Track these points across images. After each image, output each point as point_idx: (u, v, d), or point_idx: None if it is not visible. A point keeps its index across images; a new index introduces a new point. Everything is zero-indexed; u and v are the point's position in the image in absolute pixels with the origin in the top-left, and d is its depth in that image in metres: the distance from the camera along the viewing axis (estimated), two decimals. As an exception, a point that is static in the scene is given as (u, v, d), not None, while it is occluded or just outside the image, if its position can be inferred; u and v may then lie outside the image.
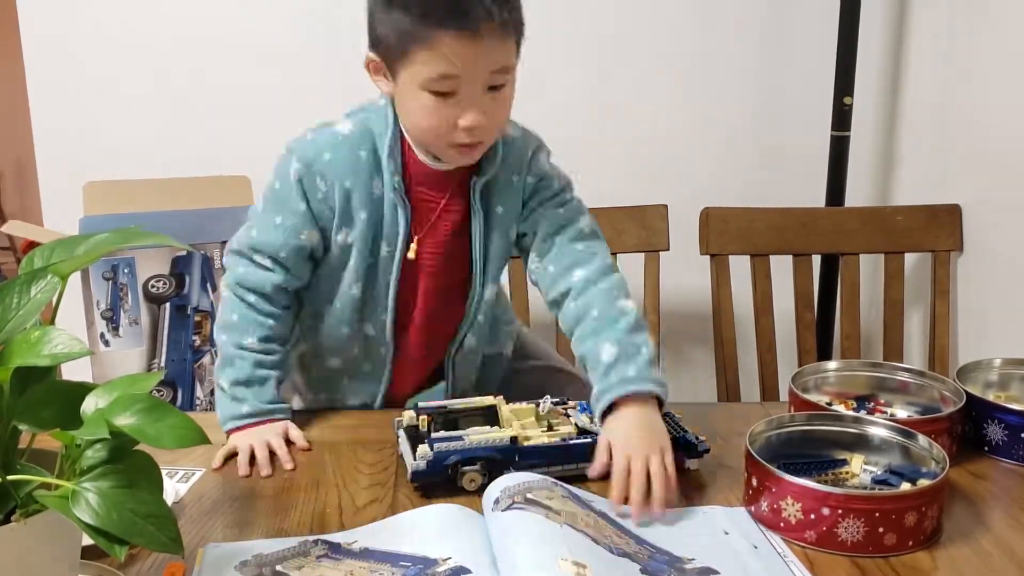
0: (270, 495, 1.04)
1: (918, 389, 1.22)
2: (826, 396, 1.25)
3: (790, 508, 0.93)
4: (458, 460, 1.01)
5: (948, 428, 1.10)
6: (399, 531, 0.93)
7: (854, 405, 1.23)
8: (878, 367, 1.26)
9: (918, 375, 1.23)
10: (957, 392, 1.16)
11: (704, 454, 1.08)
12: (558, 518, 0.89)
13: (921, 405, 1.21)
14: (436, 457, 1.01)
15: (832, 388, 1.26)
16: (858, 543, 0.91)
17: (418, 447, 1.02)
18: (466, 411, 1.11)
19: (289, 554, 0.89)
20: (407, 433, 1.09)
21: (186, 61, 1.93)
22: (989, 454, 1.14)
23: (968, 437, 1.16)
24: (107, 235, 0.77)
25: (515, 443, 1.04)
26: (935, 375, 1.23)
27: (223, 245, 1.70)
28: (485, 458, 1.02)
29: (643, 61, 1.98)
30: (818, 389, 1.25)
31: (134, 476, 0.68)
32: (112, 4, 1.90)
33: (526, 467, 1.03)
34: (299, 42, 1.94)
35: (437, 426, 1.08)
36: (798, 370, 1.24)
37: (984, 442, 1.15)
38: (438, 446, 1.01)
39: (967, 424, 1.16)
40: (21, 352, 0.68)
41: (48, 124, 1.94)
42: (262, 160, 1.93)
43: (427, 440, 1.02)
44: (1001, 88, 1.67)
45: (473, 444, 1.02)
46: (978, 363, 1.26)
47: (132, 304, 1.67)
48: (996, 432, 1.14)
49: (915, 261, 1.93)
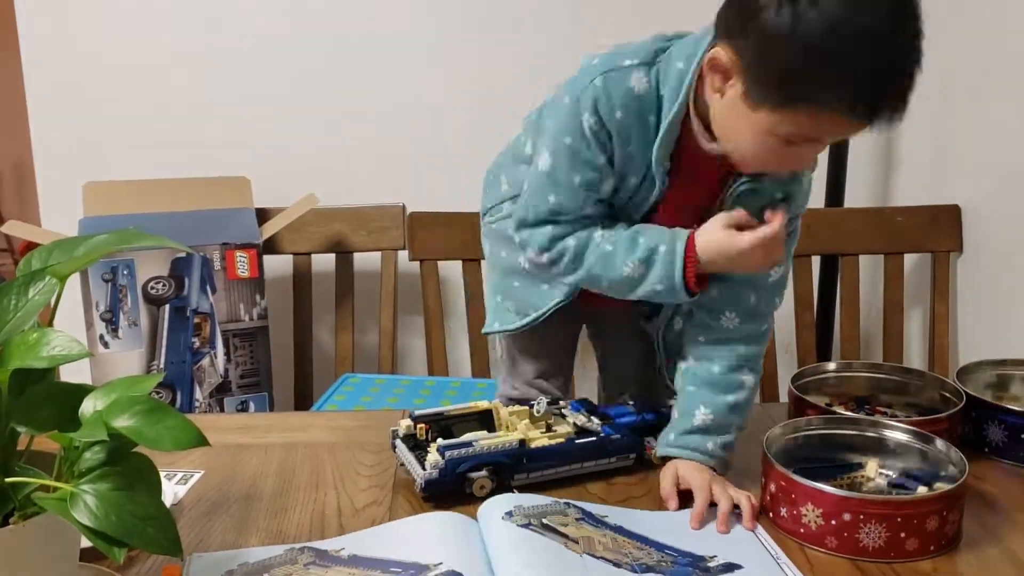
0: (268, 497, 1.04)
1: (918, 390, 1.22)
2: (825, 397, 1.24)
3: (810, 514, 0.93)
4: (469, 467, 1.00)
5: (948, 429, 1.10)
6: (389, 538, 0.93)
7: (853, 406, 1.23)
8: (878, 368, 1.26)
9: (918, 376, 1.23)
10: (957, 393, 1.16)
11: None
12: (577, 547, 0.89)
13: (921, 406, 1.21)
14: (448, 464, 0.99)
15: (832, 389, 1.26)
16: (880, 548, 0.90)
17: (427, 456, 1.01)
18: (462, 416, 1.10)
19: (276, 562, 0.89)
20: (406, 443, 1.07)
21: (185, 62, 1.93)
22: (989, 455, 1.14)
23: (968, 438, 1.15)
24: (106, 236, 0.76)
25: (523, 446, 1.04)
26: (935, 376, 1.23)
27: (223, 246, 1.70)
28: (494, 463, 1.01)
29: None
30: (818, 390, 1.25)
31: (133, 478, 0.68)
32: (110, 6, 1.90)
33: (535, 469, 1.03)
34: (299, 43, 1.94)
35: (434, 433, 1.07)
36: (798, 371, 1.24)
37: (984, 443, 1.15)
38: (449, 453, 1.00)
39: (967, 425, 1.16)
40: (19, 354, 0.68)
41: (47, 125, 1.94)
42: (261, 161, 1.94)
43: (438, 449, 1.01)
44: (1001, 89, 1.67)
45: (484, 449, 1.01)
46: (978, 364, 1.26)
47: (131, 306, 1.67)
48: (996, 433, 1.13)
49: (915, 262, 1.93)
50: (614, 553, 0.89)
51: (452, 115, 1.99)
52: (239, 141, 1.95)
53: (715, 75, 0.97)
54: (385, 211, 1.86)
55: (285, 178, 1.91)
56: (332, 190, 1.85)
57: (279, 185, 1.86)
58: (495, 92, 1.97)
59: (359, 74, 1.97)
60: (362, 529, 0.96)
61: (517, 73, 1.97)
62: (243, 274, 1.73)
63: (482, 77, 1.98)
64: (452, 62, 1.97)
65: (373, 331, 1.92)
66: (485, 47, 1.97)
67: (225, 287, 1.72)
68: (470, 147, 2.00)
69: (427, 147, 2.00)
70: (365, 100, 1.98)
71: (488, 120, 1.98)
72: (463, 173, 2.00)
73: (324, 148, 1.98)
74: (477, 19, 1.96)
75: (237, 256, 1.72)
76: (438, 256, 1.82)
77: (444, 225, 1.80)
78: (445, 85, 1.98)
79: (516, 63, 1.97)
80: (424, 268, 1.82)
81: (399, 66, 1.97)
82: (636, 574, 0.87)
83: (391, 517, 0.99)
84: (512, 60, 1.97)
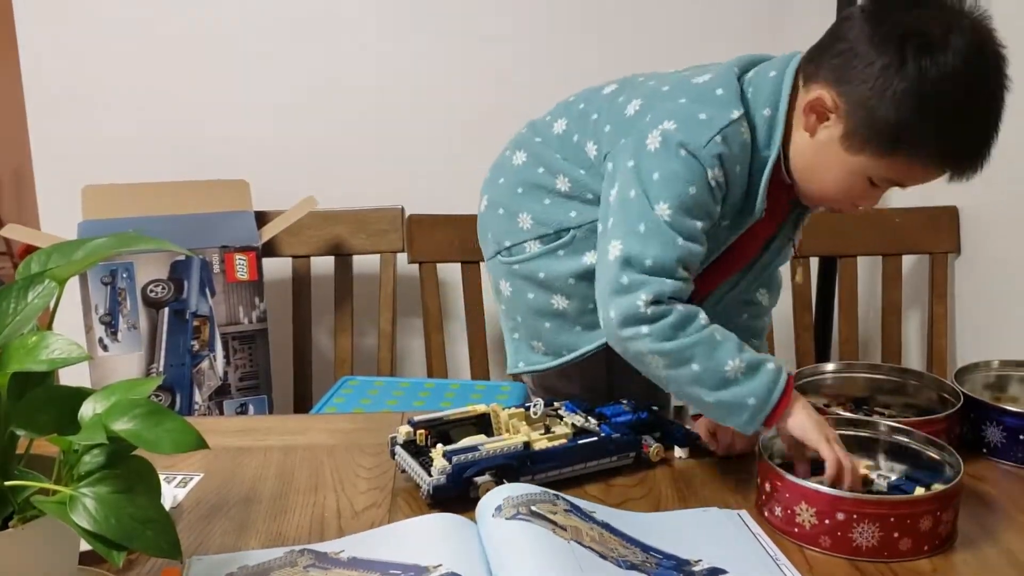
0: (268, 499, 1.04)
1: (916, 391, 1.22)
2: (824, 398, 1.25)
3: (804, 513, 0.93)
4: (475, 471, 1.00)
5: (946, 430, 1.10)
6: (388, 540, 0.93)
7: (851, 407, 1.23)
8: (876, 369, 1.27)
9: (916, 377, 1.23)
10: (955, 394, 1.16)
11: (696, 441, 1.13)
12: (565, 534, 0.89)
13: (919, 407, 1.21)
14: (455, 470, 0.99)
15: (830, 390, 1.26)
16: (873, 548, 0.90)
17: (433, 462, 1.01)
18: (459, 420, 1.11)
19: (276, 565, 0.89)
20: (407, 449, 1.07)
21: (184, 65, 1.93)
22: (988, 456, 1.14)
23: (967, 439, 1.16)
24: (105, 240, 0.76)
25: (528, 448, 1.04)
26: (933, 376, 1.23)
27: (222, 249, 1.70)
28: (500, 466, 1.01)
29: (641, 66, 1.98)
30: (816, 391, 1.25)
31: (132, 481, 0.68)
32: (109, 9, 1.90)
33: (539, 471, 1.04)
34: (298, 46, 1.94)
35: (434, 439, 1.07)
36: (796, 371, 1.24)
37: (983, 444, 1.15)
38: (456, 458, 1.00)
39: (965, 426, 1.16)
40: (18, 357, 0.68)
41: (46, 128, 1.94)
42: (260, 164, 1.95)
43: (445, 455, 1.01)
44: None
45: (490, 453, 1.02)
46: (976, 365, 1.26)
47: (131, 309, 1.67)
48: (995, 434, 1.14)
49: (913, 263, 1.94)
50: (600, 546, 0.90)
51: (451, 117, 1.99)
52: (238, 144, 1.96)
53: (811, 115, 1.03)
54: (384, 214, 1.86)
55: (284, 181, 1.91)
56: (331, 193, 1.86)
57: (278, 188, 1.86)
58: (494, 95, 1.98)
59: (358, 77, 1.97)
60: (362, 531, 0.96)
61: (517, 75, 1.97)
62: (242, 277, 1.73)
63: (481, 80, 1.98)
64: (452, 65, 1.98)
65: (372, 333, 1.92)
66: (485, 49, 1.97)
67: (224, 290, 1.72)
68: (469, 149, 2.00)
69: (426, 150, 2.00)
70: (364, 103, 1.98)
71: (487, 122, 1.99)
72: (461, 175, 2.01)
73: (323, 151, 1.99)
74: (477, 21, 1.96)
75: (236, 259, 1.72)
76: (437, 258, 1.82)
77: (443, 227, 1.81)
78: (445, 88, 1.98)
79: (516, 65, 1.97)
80: (423, 270, 1.82)
81: (399, 68, 1.97)
82: (621, 569, 0.87)
83: (390, 519, 0.99)
84: (512, 62, 1.97)
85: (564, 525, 0.91)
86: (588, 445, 1.07)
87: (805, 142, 1.05)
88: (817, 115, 1.02)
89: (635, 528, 0.96)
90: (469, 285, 1.82)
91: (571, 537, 0.89)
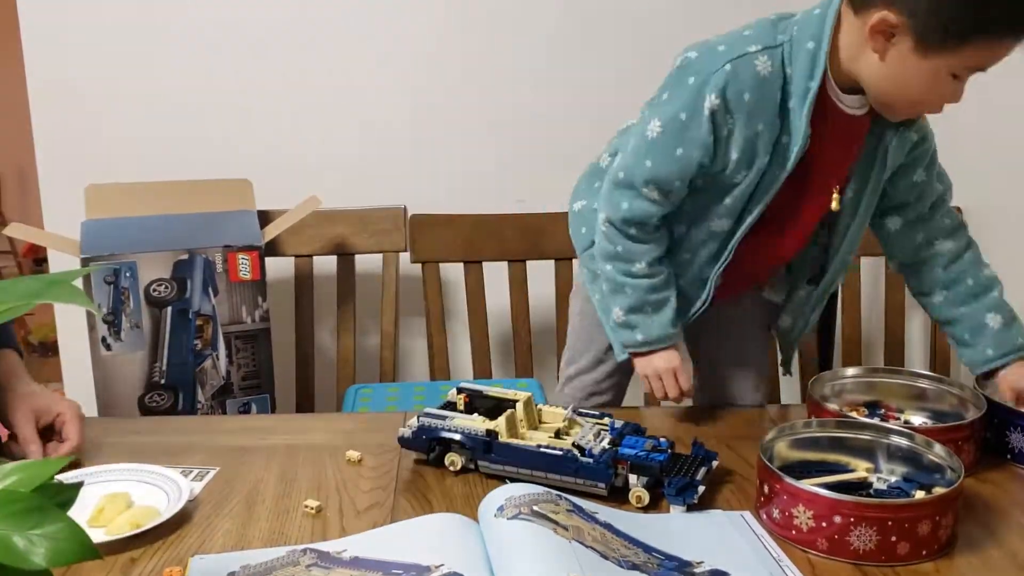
0: (270, 499, 1.04)
1: (936, 396, 1.21)
2: (840, 402, 1.23)
3: (802, 516, 0.92)
4: (440, 439, 1.09)
5: (971, 435, 1.09)
6: (390, 539, 0.93)
7: (866, 412, 1.22)
8: (897, 373, 1.26)
9: (936, 381, 1.22)
10: (978, 399, 1.15)
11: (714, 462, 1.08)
12: (566, 533, 0.89)
13: (934, 411, 1.21)
14: (419, 428, 1.10)
15: (848, 394, 1.25)
16: (870, 551, 0.90)
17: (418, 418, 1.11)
18: (500, 399, 1.16)
19: (278, 564, 0.89)
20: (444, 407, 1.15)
21: (187, 64, 1.93)
22: (1012, 462, 1.14)
23: (990, 445, 1.15)
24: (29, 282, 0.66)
25: (491, 436, 1.06)
26: (952, 381, 1.21)
27: (224, 249, 1.70)
28: (461, 443, 1.08)
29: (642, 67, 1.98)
30: (837, 396, 1.24)
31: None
32: (112, 8, 1.90)
33: (499, 462, 1.07)
34: (300, 45, 1.94)
35: (472, 407, 1.15)
36: (816, 376, 1.23)
37: (1007, 449, 1.14)
38: (423, 420, 1.10)
39: (990, 431, 1.15)
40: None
41: (49, 127, 1.94)
42: (263, 163, 1.94)
43: (419, 414, 1.11)
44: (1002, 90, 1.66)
45: (454, 427, 1.09)
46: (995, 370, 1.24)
47: (133, 308, 1.67)
48: (1019, 439, 1.13)
49: (916, 264, 1.93)
50: (602, 546, 0.90)
51: (452, 116, 1.99)
52: (241, 143, 1.96)
53: (877, 37, 1.06)
54: (386, 213, 1.86)
55: (287, 180, 1.91)
56: (333, 192, 1.85)
57: (281, 187, 1.86)
58: (496, 94, 1.97)
59: (360, 76, 1.97)
60: (364, 531, 0.96)
61: (518, 75, 1.97)
62: (245, 276, 1.73)
63: (483, 79, 1.98)
64: (453, 64, 1.98)
65: (375, 333, 1.92)
66: (486, 48, 1.97)
67: (227, 289, 1.72)
68: (471, 149, 2.00)
69: (428, 149, 2.00)
70: (366, 102, 1.98)
71: (489, 122, 1.99)
72: (464, 175, 2.02)
73: (325, 150, 1.98)
74: (478, 20, 1.96)
75: (239, 258, 1.72)
76: (439, 258, 1.82)
77: (445, 227, 1.81)
78: (446, 87, 1.98)
79: (517, 65, 1.97)
80: (426, 270, 1.82)
81: (400, 68, 1.97)
82: (622, 569, 0.87)
83: (393, 519, 0.99)
84: (513, 62, 1.97)
85: (566, 525, 0.91)
86: (548, 456, 1.04)
87: (877, 65, 1.08)
88: (884, 35, 1.06)
89: (637, 529, 0.96)
90: (472, 285, 1.82)
91: (573, 537, 0.89)
